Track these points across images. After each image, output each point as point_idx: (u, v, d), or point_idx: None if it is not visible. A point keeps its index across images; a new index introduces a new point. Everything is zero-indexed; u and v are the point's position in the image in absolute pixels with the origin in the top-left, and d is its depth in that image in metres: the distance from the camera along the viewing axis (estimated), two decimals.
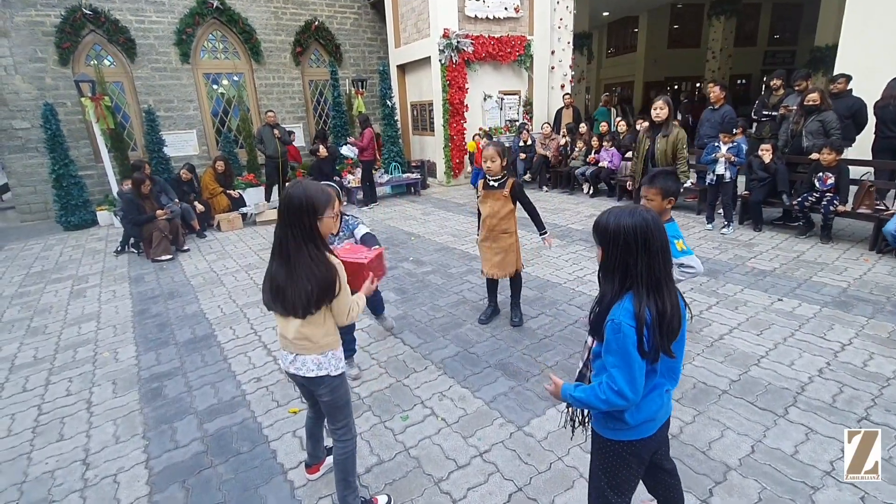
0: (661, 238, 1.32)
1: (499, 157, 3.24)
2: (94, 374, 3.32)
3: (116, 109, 8.68)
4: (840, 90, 5.62)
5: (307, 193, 1.67)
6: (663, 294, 1.32)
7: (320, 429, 2.16)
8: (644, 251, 1.30)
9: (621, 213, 1.35)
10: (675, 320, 1.33)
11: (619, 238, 1.32)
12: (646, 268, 1.31)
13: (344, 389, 1.91)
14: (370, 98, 11.29)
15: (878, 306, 3.61)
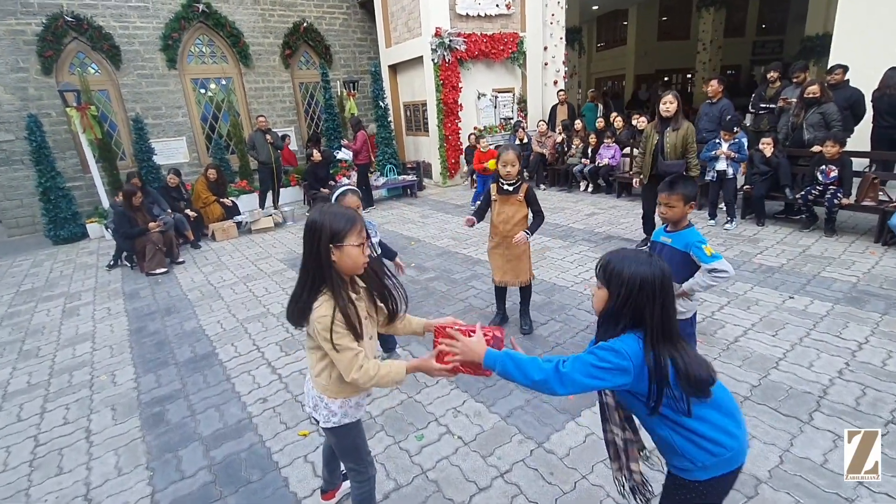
0: (672, 293, 1.29)
1: (518, 162, 3.17)
2: (91, 399, 3.20)
3: (103, 118, 8.49)
4: (837, 81, 5.59)
5: (322, 217, 1.47)
6: (679, 350, 1.26)
7: (336, 458, 2.06)
8: (659, 303, 1.25)
9: (637, 260, 1.29)
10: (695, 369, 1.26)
11: (634, 286, 1.26)
12: (660, 319, 1.25)
13: (351, 439, 1.74)
14: (362, 99, 11.16)
15: (891, 301, 3.57)
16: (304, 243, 1.51)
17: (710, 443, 1.31)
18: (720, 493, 1.41)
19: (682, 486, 1.39)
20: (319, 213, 1.49)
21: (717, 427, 1.31)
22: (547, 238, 5.81)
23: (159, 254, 5.80)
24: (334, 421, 1.65)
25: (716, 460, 1.32)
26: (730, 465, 1.34)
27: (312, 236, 1.47)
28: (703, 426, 1.31)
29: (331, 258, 1.47)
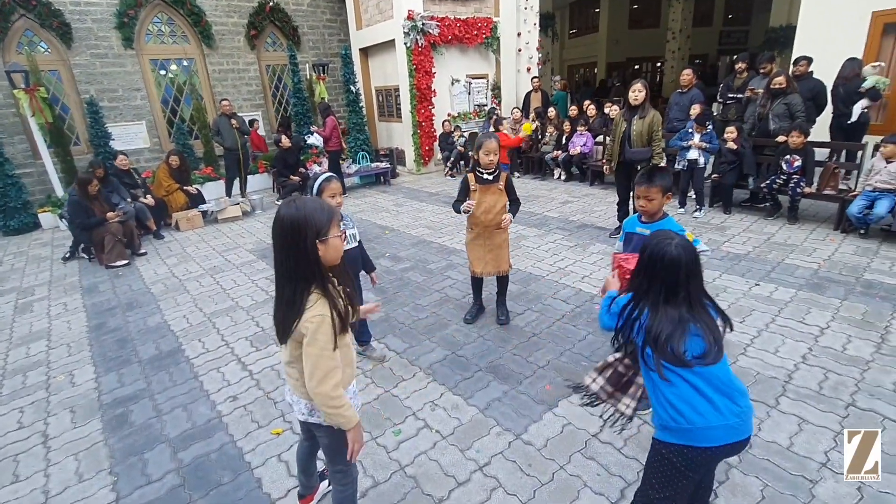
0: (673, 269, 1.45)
1: (499, 151, 3.13)
2: (48, 401, 3.02)
3: (54, 101, 7.96)
4: (802, 73, 5.73)
5: (302, 212, 1.39)
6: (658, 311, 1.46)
7: (313, 462, 2.00)
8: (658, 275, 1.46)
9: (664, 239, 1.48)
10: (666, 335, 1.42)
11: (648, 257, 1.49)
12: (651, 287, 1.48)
13: (344, 437, 1.66)
14: (333, 83, 10.83)
15: (849, 287, 3.72)
16: (284, 244, 1.42)
17: (671, 408, 1.45)
18: (687, 465, 1.48)
19: (653, 442, 1.57)
20: (297, 209, 1.41)
21: (684, 398, 1.43)
22: (522, 227, 5.81)
23: (119, 245, 5.51)
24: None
25: (675, 426, 1.45)
26: (689, 438, 1.44)
27: (297, 235, 1.39)
28: (669, 391, 1.45)
29: (318, 254, 1.42)
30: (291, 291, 1.42)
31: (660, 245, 1.45)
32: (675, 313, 1.42)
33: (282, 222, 1.41)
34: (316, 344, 1.41)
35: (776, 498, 1.98)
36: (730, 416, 1.43)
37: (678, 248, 1.43)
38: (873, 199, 4.50)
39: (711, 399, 1.43)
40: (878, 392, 2.55)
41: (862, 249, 4.42)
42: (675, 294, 1.43)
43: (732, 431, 1.43)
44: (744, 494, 2.01)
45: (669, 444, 1.49)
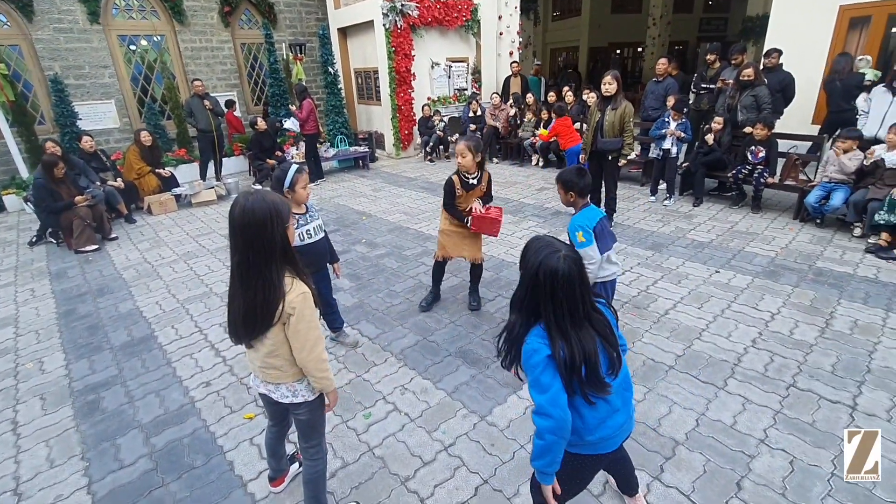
0: (567, 290, 1.31)
1: (469, 153, 3.09)
2: (17, 389, 3.01)
3: (16, 78, 7.64)
4: (773, 65, 5.88)
5: (268, 205, 1.45)
6: (570, 342, 1.31)
7: (283, 445, 2.08)
8: (550, 297, 1.31)
9: (549, 249, 1.34)
10: (591, 364, 1.32)
11: (532, 274, 1.33)
12: (553, 313, 1.32)
13: (321, 410, 1.81)
14: (310, 64, 10.62)
15: (802, 274, 3.93)
16: (255, 235, 1.45)
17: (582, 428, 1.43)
18: (593, 468, 1.57)
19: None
20: (262, 200, 1.46)
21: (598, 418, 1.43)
22: None
23: (88, 229, 5.41)
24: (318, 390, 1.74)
25: (582, 442, 1.45)
26: (596, 449, 1.48)
27: (269, 222, 1.45)
28: (589, 413, 1.42)
29: (288, 239, 1.52)
30: (269, 277, 1.47)
31: (549, 258, 1.32)
32: (587, 333, 1.34)
33: (252, 214, 1.43)
34: (304, 319, 1.53)
35: (716, 472, 2.14)
36: (623, 416, 1.48)
37: (567, 260, 1.32)
38: (829, 190, 4.71)
39: (620, 407, 1.47)
40: (817, 374, 2.74)
41: (817, 238, 4.64)
42: (574, 312, 1.33)
43: (624, 429, 1.51)
44: (687, 469, 2.17)
45: (575, 455, 1.48)
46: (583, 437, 1.44)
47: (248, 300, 1.49)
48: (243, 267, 1.48)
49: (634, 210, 5.77)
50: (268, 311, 1.49)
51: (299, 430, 1.85)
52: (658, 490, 2.06)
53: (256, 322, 1.52)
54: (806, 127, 6.63)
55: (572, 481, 1.56)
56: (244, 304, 1.50)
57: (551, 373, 1.32)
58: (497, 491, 2.11)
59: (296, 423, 1.84)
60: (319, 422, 1.82)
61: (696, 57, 17.01)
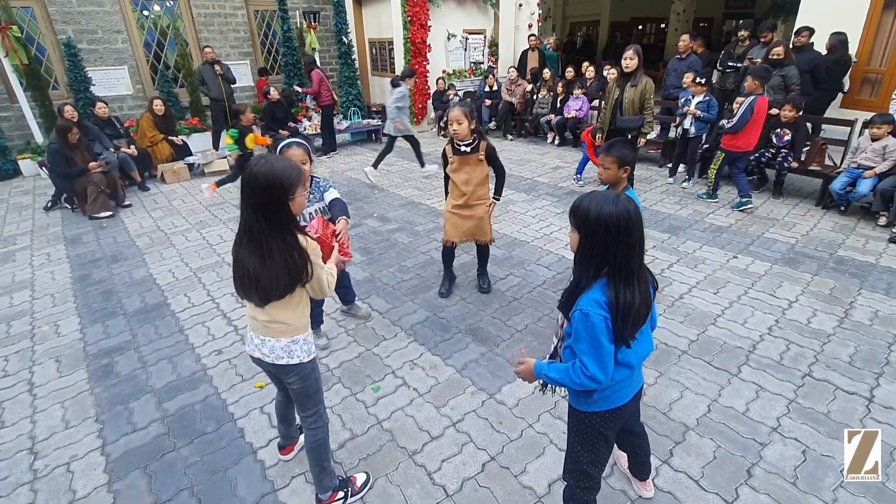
0: (640, 230, 1.32)
1: (465, 119, 2.96)
2: (33, 350, 3.07)
3: (29, 41, 7.57)
4: (803, 44, 5.62)
5: (274, 172, 1.48)
6: (633, 286, 1.32)
7: (292, 411, 2.09)
8: (624, 242, 1.29)
9: (603, 200, 1.31)
10: (643, 309, 1.34)
11: (599, 226, 1.30)
12: (623, 259, 1.30)
13: (315, 376, 1.82)
14: (324, 33, 10.39)
15: (822, 262, 3.83)
16: (259, 203, 1.51)
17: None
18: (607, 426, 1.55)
19: (575, 413, 1.58)
20: (271, 166, 1.50)
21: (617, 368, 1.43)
22: (511, 191, 5.80)
23: (103, 196, 5.43)
24: (312, 352, 1.78)
25: (598, 396, 1.48)
26: (609, 403, 1.50)
27: (272, 189, 1.49)
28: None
29: (289, 207, 1.55)
30: (282, 239, 1.53)
31: (615, 204, 1.29)
32: (644, 275, 1.35)
33: (256, 179, 1.49)
34: (318, 264, 1.66)
35: (726, 458, 2.12)
36: (636, 370, 1.51)
37: (628, 202, 1.31)
38: (856, 177, 4.55)
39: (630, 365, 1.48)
40: (834, 364, 2.68)
41: (840, 226, 4.50)
42: (642, 252, 1.34)
43: (637, 382, 1.54)
44: (697, 454, 2.15)
45: (593, 414, 1.52)
46: (592, 394, 1.46)
47: (269, 265, 1.53)
48: (253, 229, 1.53)
49: (652, 192, 5.64)
50: (298, 274, 1.57)
51: (295, 399, 1.87)
52: (667, 474, 2.05)
53: (283, 285, 1.57)
54: (834, 110, 6.37)
55: (599, 443, 1.56)
56: (264, 268, 1.54)
57: (609, 337, 1.33)
58: (504, 468, 2.12)
59: (290, 393, 1.85)
60: (313, 389, 1.82)
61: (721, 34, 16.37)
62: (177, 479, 2.11)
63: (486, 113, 9.05)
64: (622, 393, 1.51)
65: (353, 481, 2.01)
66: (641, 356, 1.51)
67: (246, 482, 2.08)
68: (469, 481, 2.06)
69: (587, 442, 1.57)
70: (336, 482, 1.95)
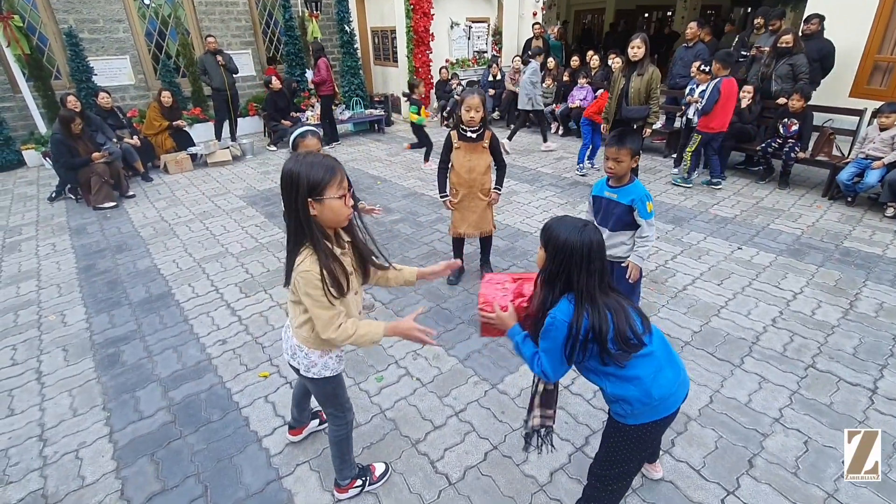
0: (601, 259, 1.42)
1: (483, 108, 2.99)
2: (40, 340, 3.10)
3: (31, 31, 7.54)
4: (812, 31, 5.53)
5: (297, 168, 1.36)
6: (599, 309, 1.39)
7: (308, 400, 2.11)
8: (585, 269, 1.39)
9: (572, 228, 1.42)
10: (624, 326, 1.39)
11: (565, 251, 1.40)
12: (585, 284, 1.40)
13: (332, 388, 1.77)
14: (326, 22, 10.30)
15: (828, 254, 3.81)
16: (282, 195, 1.44)
17: (639, 393, 1.45)
18: (650, 436, 1.55)
19: (617, 426, 1.53)
20: (295, 163, 1.39)
21: (651, 377, 1.44)
22: (514, 182, 5.78)
23: (106, 186, 5.44)
24: (314, 371, 1.67)
25: (641, 409, 1.46)
26: (655, 413, 1.48)
27: (289, 189, 1.38)
28: (637, 375, 1.44)
29: (309, 212, 1.39)
30: (287, 241, 1.48)
31: (581, 233, 1.39)
32: (611, 299, 1.42)
33: (282, 176, 1.42)
34: (308, 297, 1.44)
35: (728, 448, 2.13)
36: (680, 373, 1.51)
37: (594, 232, 1.41)
38: (864, 168, 4.50)
39: (666, 363, 1.49)
40: (837, 355, 2.68)
41: (846, 217, 4.47)
42: (603, 279, 1.42)
43: (682, 388, 1.52)
44: (699, 444, 2.16)
45: (637, 427, 1.49)
46: (651, 396, 1.44)
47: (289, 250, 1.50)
48: (286, 217, 1.48)
49: (656, 182, 5.60)
50: (287, 268, 1.50)
51: (315, 397, 1.87)
52: (668, 464, 2.06)
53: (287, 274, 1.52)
54: (842, 99, 6.29)
55: (640, 452, 1.56)
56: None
57: (564, 347, 1.43)
58: (506, 457, 2.14)
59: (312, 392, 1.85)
60: (328, 397, 1.78)
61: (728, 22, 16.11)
62: (183, 466, 2.14)
63: (490, 103, 8.98)
64: (671, 400, 1.47)
65: (373, 471, 2.02)
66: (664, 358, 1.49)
67: (251, 469, 2.11)
68: (471, 470, 2.08)
69: (625, 455, 1.54)
70: (355, 471, 1.97)
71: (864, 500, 1.88)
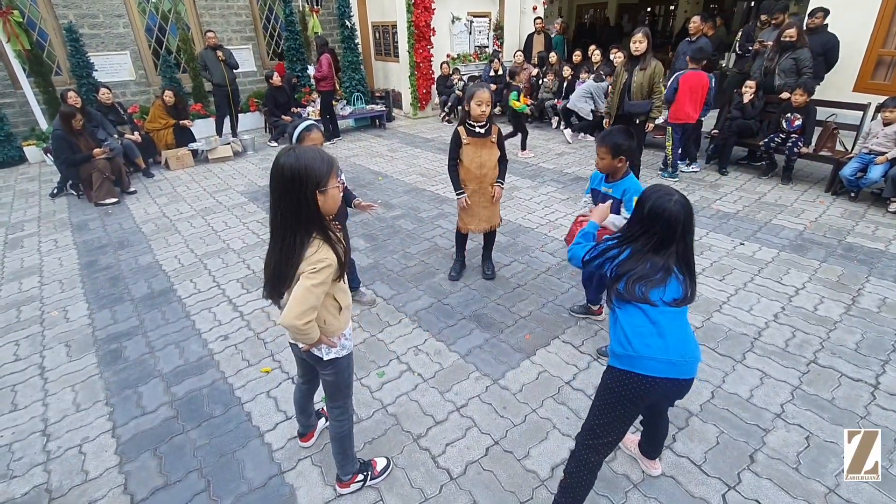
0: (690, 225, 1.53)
1: (490, 104, 2.99)
2: (43, 335, 3.11)
3: (31, 26, 7.52)
4: (817, 25, 5.49)
5: (300, 163, 1.38)
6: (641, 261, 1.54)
7: (311, 403, 2.11)
8: (683, 237, 1.51)
9: (667, 197, 1.51)
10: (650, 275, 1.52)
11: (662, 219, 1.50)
12: (684, 247, 1.53)
13: (349, 371, 1.82)
14: (327, 17, 10.26)
15: (830, 249, 3.79)
16: (284, 194, 1.41)
17: (623, 336, 1.56)
18: (626, 392, 1.58)
19: (605, 372, 1.67)
20: (295, 158, 1.40)
21: (637, 329, 1.54)
22: (516, 178, 5.77)
23: (107, 183, 5.44)
24: (347, 347, 1.74)
25: (621, 352, 1.57)
26: (631, 365, 1.55)
27: (297, 183, 1.39)
28: (626, 320, 1.57)
29: (318, 204, 1.43)
30: (292, 239, 1.44)
31: (661, 200, 1.50)
32: (659, 262, 1.51)
33: (282, 171, 1.40)
34: (313, 279, 1.43)
35: (729, 444, 2.13)
36: (674, 354, 1.52)
37: (678, 204, 1.49)
38: (867, 163, 4.48)
39: (665, 335, 1.52)
40: (839, 351, 2.67)
41: (849, 212, 4.45)
42: (666, 247, 1.51)
43: (672, 367, 1.53)
44: (700, 440, 2.16)
45: (613, 370, 1.61)
46: (631, 344, 1.54)
47: (276, 257, 1.48)
48: (275, 222, 1.46)
49: (658, 178, 5.58)
50: (286, 273, 1.47)
51: (325, 390, 1.87)
52: (669, 459, 2.07)
53: (278, 281, 1.51)
54: (846, 94, 6.24)
55: (617, 406, 1.60)
56: (274, 261, 1.49)
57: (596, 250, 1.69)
58: (507, 452, 2.14)
59: (322, 383, 1.86)
60: (345, 383, 1.82)
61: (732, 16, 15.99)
62: (186, 461, 2.15)
63: None
64: (651, 364, 1.52)
65: (374, 465, 2.03)
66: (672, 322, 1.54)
67: (253, 464, 2.12)
68: (473, 465, 2.08)
69: (606, 403, 1.63)
70: (357, 465, 1.98)
71: (865, 496, 1.88)
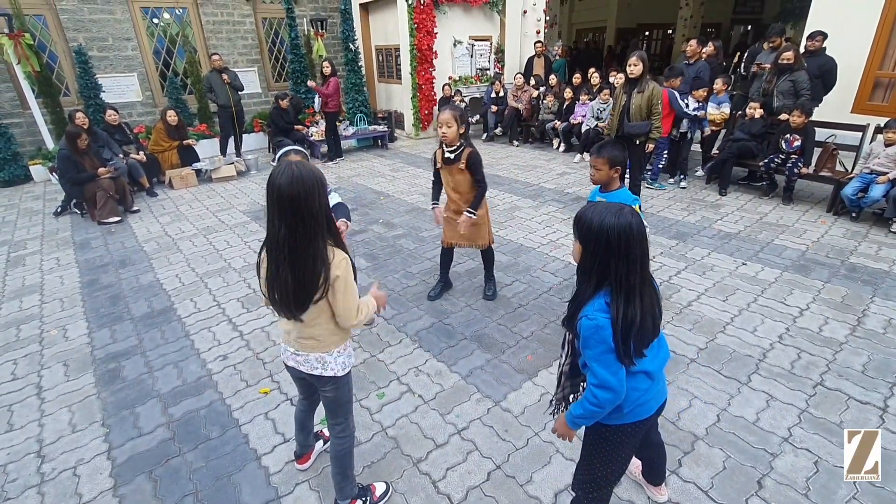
0: (641, 245, 1.29)
1: (455, 123, 2.90)
2: (41, 354, 3.09)
3: (41, 48, 7.69)
4: (816, 48, 5.57)
5: (313, 174, 1.45)
6: (634, 302, 1.29)
7: (311, 420, 2.08)
8: (623, 256, 1.28)
9: (606, 211, 1.30)
10: (649, 324, 1.32)
11: (600, 238, 1.29)
12: (624, 273, 1.28)
13: (349, 387, 1.83)
14: (331, 40, 10.47)
15: (834, 270, 3.77)
16: (300, 207, 1.42)
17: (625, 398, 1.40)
18: (629, 439, 1.53)
19: (592, 429, 1.53)
20: (304, 169, 1.45)
21: (634, 383, 1.41)
22: (517, 197, 5.80)
23: (111, 202, 5.48)
24: (349, 364, 1.77)
25: (627, 409, 1.44)
26: (633, 416, 1.46)
27: (314, 190, 1.44)
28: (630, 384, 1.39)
29: (329, 207, 1.54)
30: (313, 250, 1.47)
31: (618, 217, 1.27)
32: (647, 294, 1.32)
33: (302, 183, 1.41)
34: (348, 282, 1.56)
35: (736, 469, 2.08)
36: (660, 381, 1.49)
37: (631, 215, 1.30)
38: (868, 182, 4.49)
39: (653, 376, 1.46)
40: (846, 373, 2.63)
41: (851, 232, 4.44)
42: (644, 268, 1.32)
43: (662, 392, 1.51)
44: (707, 465, 2.11)
45: (613, 427, 1.48)
46: (620, 407, 1.42)
47: (299, 273, 1.47)
48: (292, 239, 1.44)
49: (659, 198, 5.60)
50: (316, 284, 1.49)
51: (326, 407, 1.85)
52: (676, 484, 2.02)
53: (309, 294, 1.50)
54: (844, 115, 6.30)
55: (619, 457, 1.54)
56: (294, 278, 1.47)
57: (611, 344, 1.31)
58: (510, 477, 2.09)
59: (322, 401, 1.85)
60: (345, 399, 1.82)
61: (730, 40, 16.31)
62: (182, 484, 2.10)
63: (493, 119, 9.07)
64: (648, 406, 1.47)
65: (373, 490, 1.98)
66: (660, 363, 1.48)
67: (250, 488, 2.07)
68: (474, 490, 2.03)
69: (606, 456, 1.53)
70: (356, 490, 1.93)
71: None
